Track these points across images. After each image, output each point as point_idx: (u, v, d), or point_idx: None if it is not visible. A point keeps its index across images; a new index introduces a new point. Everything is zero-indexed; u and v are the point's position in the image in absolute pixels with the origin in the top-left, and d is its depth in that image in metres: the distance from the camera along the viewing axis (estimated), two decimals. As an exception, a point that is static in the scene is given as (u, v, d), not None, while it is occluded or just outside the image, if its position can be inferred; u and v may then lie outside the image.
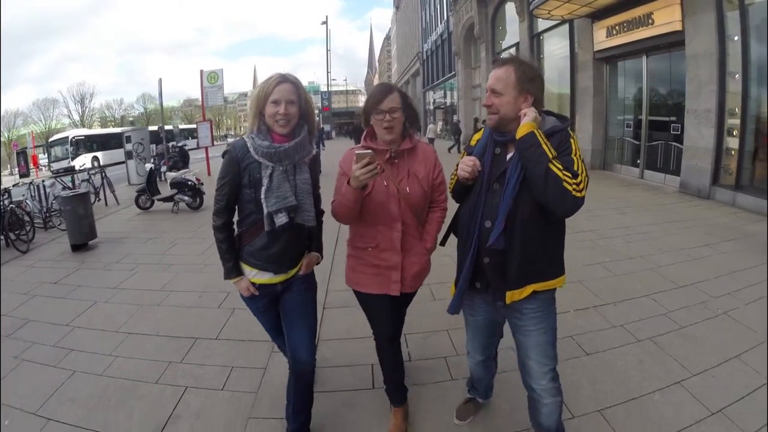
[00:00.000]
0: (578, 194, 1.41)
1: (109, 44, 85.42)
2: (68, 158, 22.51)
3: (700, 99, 7.31)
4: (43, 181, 8.20)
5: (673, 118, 8.31)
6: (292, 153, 1.68)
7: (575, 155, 1.47)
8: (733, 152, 7.09)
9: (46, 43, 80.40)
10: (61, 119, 42.16)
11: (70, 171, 12.16)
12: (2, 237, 5.78)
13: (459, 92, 21.81)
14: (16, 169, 26.02)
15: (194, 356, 2.85)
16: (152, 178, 8.24)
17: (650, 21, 8.26)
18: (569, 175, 1.41)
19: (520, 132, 1.48)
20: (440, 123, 28.68)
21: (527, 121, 1.48)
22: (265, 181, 1.65)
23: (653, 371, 2.50)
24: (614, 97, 10.27)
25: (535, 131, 1.46)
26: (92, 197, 7.65)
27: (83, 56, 76.33)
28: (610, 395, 2.31)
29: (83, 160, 21.96)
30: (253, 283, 1.79)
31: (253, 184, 1.68)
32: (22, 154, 25.96)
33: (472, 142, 1.74)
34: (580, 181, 1.42)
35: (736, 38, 6.76)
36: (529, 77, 1.53)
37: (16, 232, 5.98)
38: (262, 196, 1.65)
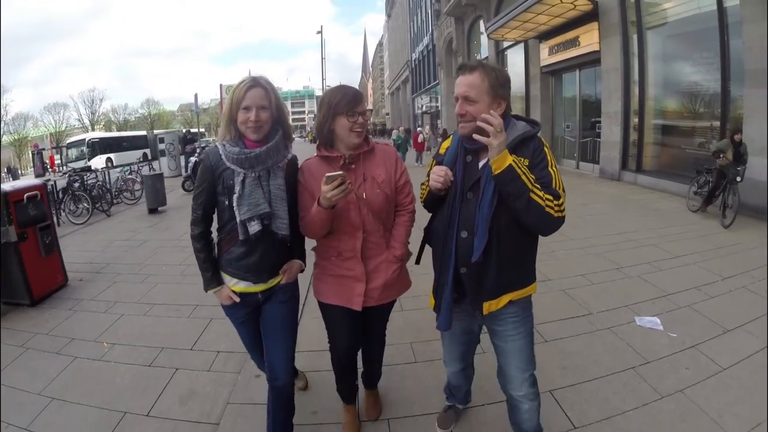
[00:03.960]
0: (560, 215, 1.39)
1: (106, 48, 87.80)
2: (85, 159, 24.49)
3: (611, 103, 9.67)
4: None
5: (598, 119, 10.54)
6: (264, 158, 1.63)
7: (552, 167, 1.44)
8: (635, 143, 9.43)
9: (44, 46, 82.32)
10: (71, 122, 44.23)
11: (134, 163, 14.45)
12: (91, 207, 7.95)
13: (442, 99, 24.34)
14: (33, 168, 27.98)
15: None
16: (196, 168, 10.53)
17: (578, 43, 10.62)
18: (550, 198, 1.38)
19: (497, 166, 1.40)
20: (427, 127, 31.11)
21: (503, 151, 1.39)
22: (237, 188, 1.62)
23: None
24: (558, 103, 12.64)
25: (513, 164, 1.39)
26: (139, 185, 9.66)
27: (81, 60, 78.49)
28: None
29: (98, 161, 23.96)
30: (234, 292, 1.75)
31: (226, 191, 1.65)
32: (38, 155, 27.76)
33: (441, 150, 1.69)
34: (562, 202, 1.39)
35: (635, 55, 9.10)
36: (501, 82, 1.50)
37: (98, 203, 8.20)
38: (234, 203, 1.61)
